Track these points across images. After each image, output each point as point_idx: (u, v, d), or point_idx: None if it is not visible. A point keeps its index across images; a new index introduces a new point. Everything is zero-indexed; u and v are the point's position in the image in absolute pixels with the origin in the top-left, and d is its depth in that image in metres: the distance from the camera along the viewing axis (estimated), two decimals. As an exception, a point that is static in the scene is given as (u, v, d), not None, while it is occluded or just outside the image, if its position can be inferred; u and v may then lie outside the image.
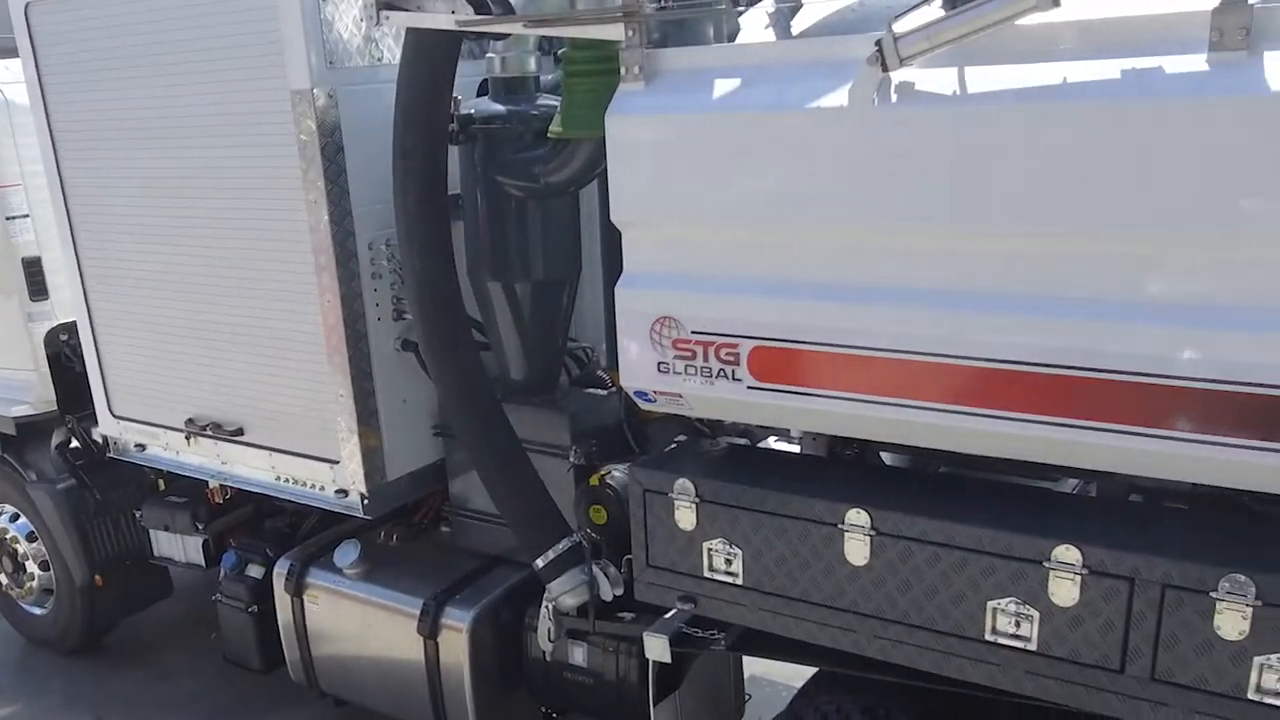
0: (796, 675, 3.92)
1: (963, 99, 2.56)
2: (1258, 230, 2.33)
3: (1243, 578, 2.56)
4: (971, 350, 2.72)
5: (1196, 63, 2.31)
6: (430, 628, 4.51)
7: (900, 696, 3.41)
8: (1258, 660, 2.58)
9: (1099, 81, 2.41)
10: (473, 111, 4.06)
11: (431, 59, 3.61)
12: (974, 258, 2.68)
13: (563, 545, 3.89)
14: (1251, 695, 2.61)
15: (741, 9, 3.11)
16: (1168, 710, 2.76)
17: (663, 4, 3.07)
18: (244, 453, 4.92)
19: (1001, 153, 2.55)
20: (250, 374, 4.72)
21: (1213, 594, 2.59)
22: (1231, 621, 2.59)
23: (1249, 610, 2.56)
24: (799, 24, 3.00)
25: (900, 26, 2.54)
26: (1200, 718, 2.71)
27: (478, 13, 3.22)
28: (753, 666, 4.87)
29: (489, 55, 4.10)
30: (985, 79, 2.55)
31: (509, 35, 3.80)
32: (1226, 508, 2.88)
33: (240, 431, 4.85)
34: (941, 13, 2.52)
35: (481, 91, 4.23)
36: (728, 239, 3.05)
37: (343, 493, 4.62)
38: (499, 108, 4.07)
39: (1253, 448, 2.46)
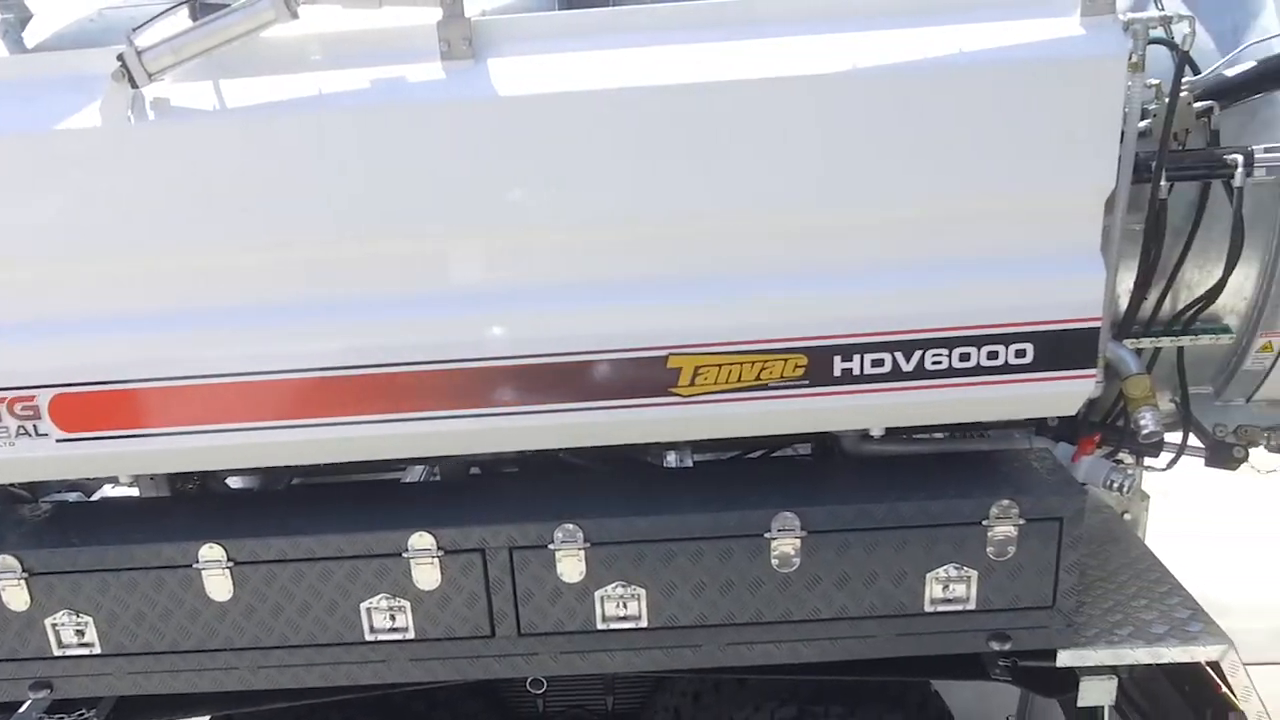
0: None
1: (222, 113, 2.47)
2: (509, 221, 2.57)
3: (572, 525, 2.86)
4: (286, 363, 2.69)
5: (434, 71, 2.47)
6: None
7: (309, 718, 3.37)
8: (598, 594, 2.91)
9: (352, 91, 2.47)
10: None
11: None
12: (268, 272, 2.63)
13: None
14: (600, 626, 2.95)
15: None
16: (538, 659, 3.01)
17: None
18: None
19: (270, 164, 2.52)
20: None
21: (551, 545, 2.86)
22: (570, 566, 2.88)
23: (582, 553, 2.87)
24: (32, 36, 2.71)
25: (143, 40, 2.39)
26: (565, 656, 3.00)
27: None
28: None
29: None
30: (244, 91, 2.49)
31: None
32: (553, 466, 3.20)
33: None
34: (188, 24, 2.42)
35: None
36: (-7, 280, 2.69)
37: None
38: None
39: (557, 410, 2.74)
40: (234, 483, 3.39)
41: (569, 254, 2.61)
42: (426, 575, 2.90)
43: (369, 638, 2.98)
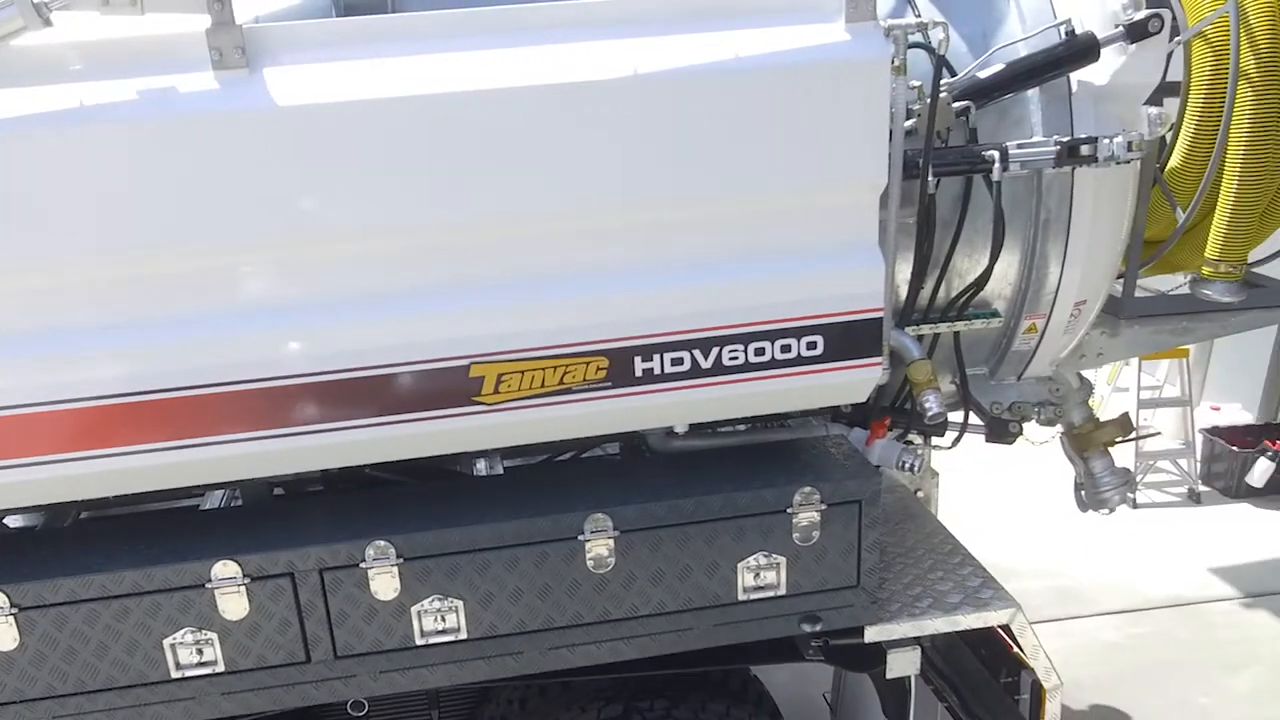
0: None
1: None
2: (294, 234, 2.46)
3: (383, 542, 2.76)
4: (64, 393, 2.48)
5: (206, 80, 2.34)
6: None
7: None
8: (415, 610, 2.82)
9: (117, 102, 2.30)
10: None
11: None
12: (37, 296, 2.42)
13: None
14: (419, 641, 2.85)
15: None
16: (358, 680, 2.89)
17: None
18: None
19: (28, 181, 2.31)
20: None
21: (362, 564, 2.76)
22: (384, 583, 2.78)
23: (395, 569, 2.77)
24: None
25: None
26: (385, 675, 2.89)
27: None
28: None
29: None
30: (-3, 103, 2.30)
31: None
32: (360, 482, 3.09)
33: None
34: (-75, 33, 2.22)
35: None
36: None
37: None
38: None
39: (360, 426, 2.64)
40: (13, 521, 3.13)
41: (358, 266, 2.52)
42: (233, 605, 2.75)
43: (175, 675, 2.80)
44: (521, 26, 2.47)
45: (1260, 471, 7.45)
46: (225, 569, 2.72)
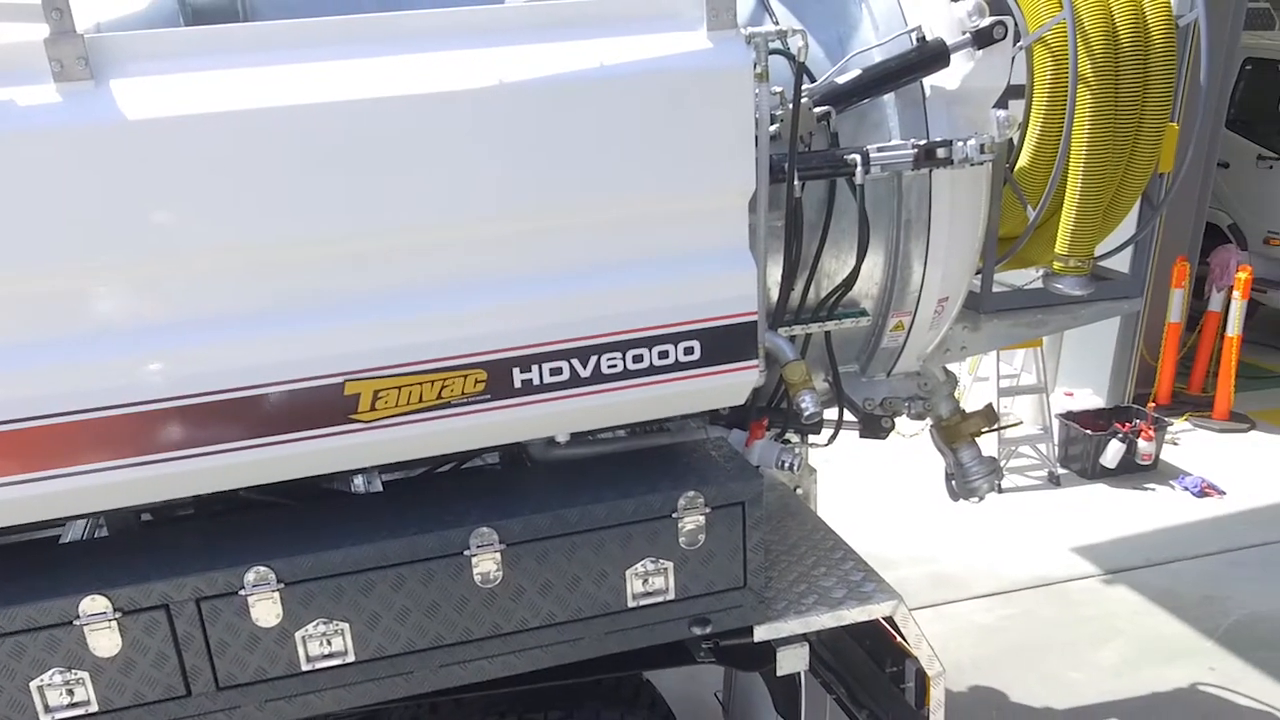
0: None
1: None
2: (150, 252, 2.31)
3: (263, 568, 2.61)
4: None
5: (49, 93, 2.16)
6: None
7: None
8: (299, 635, 2.67)
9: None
10: None
11: None
12: None
13: None
14: (305, 667, 2.70)
15: None
16: (242, 711, 2.72)
17: None
18: None
19: None
20: None
21: (241, 591, 2.60)
22: (265, 610, 2.63)
23: (276, 595, 2.62)
24: None
25: None
26: (271, 704, 2.73)
27: None
28: None
29: None
30: None
31: None
32: (234, 506, 2.92)
33: None
34: None
35: None
36: None
37: None
38: None
39: (230, 449, 2.48)
40: None
41: (221, 284, 2.37)
42: (104, 641, 2.55)
43: (45, 718, 2.58)
44: (382, 36, 2.36)
45: (1112, 453, 7.75)
46: (94, 604, 2.53)
